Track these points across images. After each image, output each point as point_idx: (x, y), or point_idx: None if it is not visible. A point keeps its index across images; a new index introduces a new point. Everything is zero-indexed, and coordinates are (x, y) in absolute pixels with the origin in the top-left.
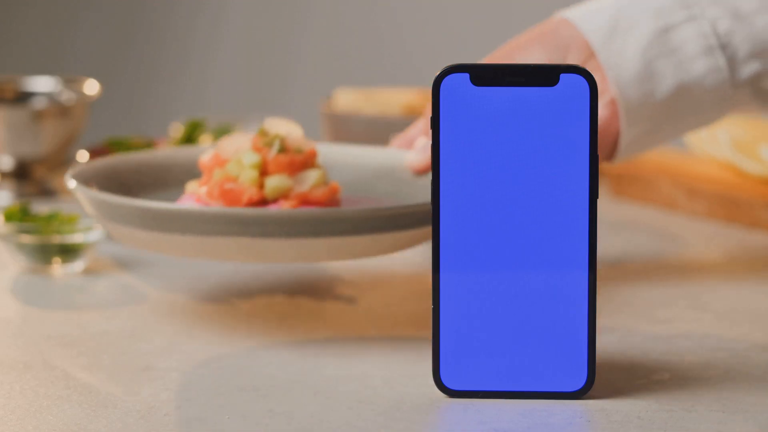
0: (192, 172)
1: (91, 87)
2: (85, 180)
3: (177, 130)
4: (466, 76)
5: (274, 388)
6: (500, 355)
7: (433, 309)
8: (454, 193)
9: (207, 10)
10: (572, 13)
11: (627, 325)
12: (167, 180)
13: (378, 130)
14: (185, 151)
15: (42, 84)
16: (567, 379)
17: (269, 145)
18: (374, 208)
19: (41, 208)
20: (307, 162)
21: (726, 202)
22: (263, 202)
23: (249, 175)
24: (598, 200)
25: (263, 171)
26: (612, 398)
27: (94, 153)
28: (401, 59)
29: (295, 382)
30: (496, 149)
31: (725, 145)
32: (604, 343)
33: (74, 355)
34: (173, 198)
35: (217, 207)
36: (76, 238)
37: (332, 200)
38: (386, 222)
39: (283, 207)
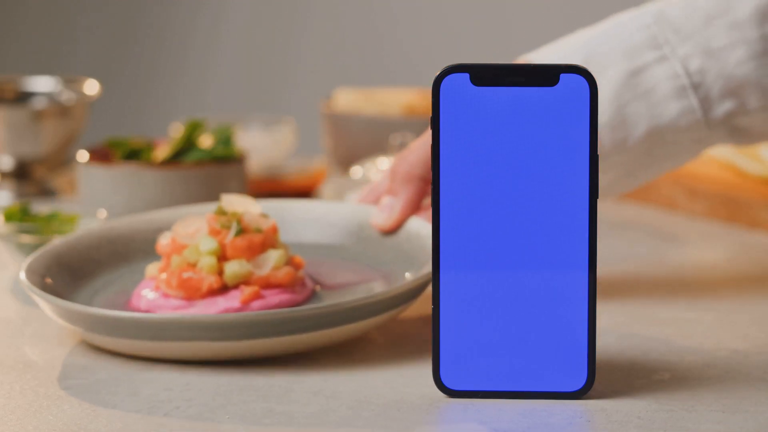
0: (152, 242)
1: (91, 87)
2: (39, 272)
3: (177, 130)
4: (466, 76)
5: (274, 388)
6: (500, 355)
7: (433, 309)
8: (454, 193)
9: (207, 10)
10: (538, 57)
11: (627, 325)
12: (127, 254)
13: (378, 130)
14: (143, 221)
15: (42, 84)
16: (567, 379)
17: (226, 226)
18: (326, 306)
19: (41, 208)
20: (267, 242)
21: (726, 202)
22: (224, 288)
23: (207, 263)
24: (598, 200)
25: (222, 256)
26: (612, 398)
27: (94, 153)
28: (401, 59)
29: (295, 382)
30: (496, 149)
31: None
32: (604, 343)
33: (74, 355)
34: (133, 278)
35: (156, 315)
36: None
37: (295, 279)
38: (342, 316)
39: (245, 293)
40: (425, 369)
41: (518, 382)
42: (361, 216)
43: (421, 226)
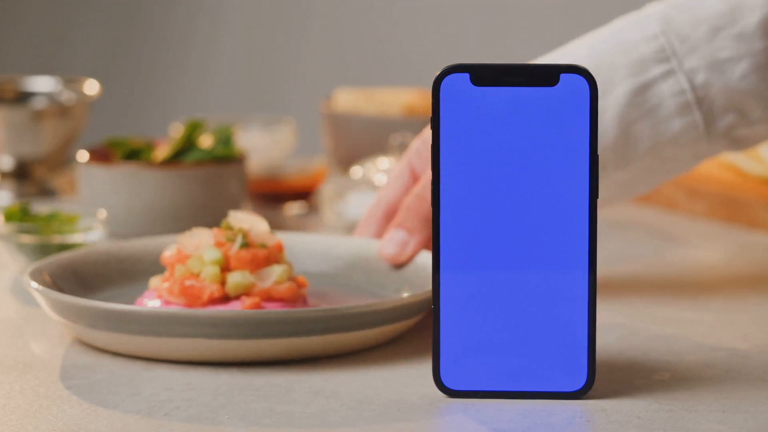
0: (160, 264)
1: (91, 87)
2: (43, 273)
3: (177, 130)
4: (466, 76)
5: (275, 388)
6: (500, 355)
7: (433, 309)
8: (454, 193)
9: (207, 10)
10: None
11: (627, 325)
12: (134, 273)
13: (378, 130)
14: (153, 243)
15: (42, 84)
16: (567, 379)
17: (232, 240)
18: (323, 309)
19: (41, 208)
20: (271, 257)
21: (726, 202)
22: (225, 298)
23: (210, 272)
24: (599, 200)
25: (225, 267)
26: (612, 398)
27: (94, 153)
28: (401, 59)
29: (296, 382)
30: (496, 149)
31: None
32: (604, 343)
33: (75, 355)
34: (138, 292)
35: (156, 309)
36: (76, 238)
37: (297, 296)
38: (342, 322)
39: (245, 304)
40: (425, 369)
41: (518, 382)
42: (368, 250)
43: (427, 258)
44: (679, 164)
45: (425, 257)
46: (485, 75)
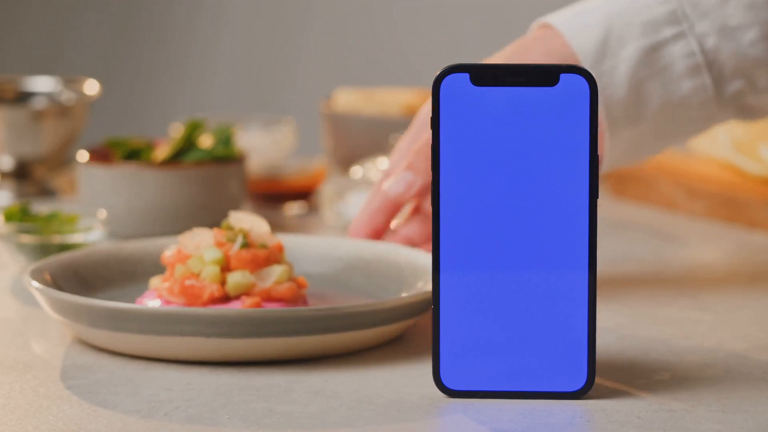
0: (161, 265)
1: (91, 87)
2: (43, 273)
3: (177, 130)
4: (466, 76)
5: (274, 388)
6: (500, 355)
7: (433, 309)
8: (454, 193)
9: (207, 10)
10: (559, 21)
11: (627, 325)
12: (135, 274)
13: (378, 130)
14: (153, 244)
15: (42, 84)
16: (567, 379)
17: (232, 240)
18: (323, 309)
19: (41, 208)
20: (272, 257)
21: (726, 202)
22: (225, 298)
23: (210, 272)
24: (598, 200)
25: (225, 267)
26: (612, 398)
27: (94, 153)
28: (401, 59)
29: (295, 382)
30: (496, 149)
31: (725, 145)
32: (604, 343)
33: (74, 355)
34: (138, 293)
35: (156, 307)
36: (76, 238)
37: (297, 296)
38: (342, 322)
39: (245, 303)
40: (425, 369)
41: (518, 382)
42: (368, 252)
43: (427, 260)
44: (688, 127)
45: (425, 257)
46: (485, 75)
